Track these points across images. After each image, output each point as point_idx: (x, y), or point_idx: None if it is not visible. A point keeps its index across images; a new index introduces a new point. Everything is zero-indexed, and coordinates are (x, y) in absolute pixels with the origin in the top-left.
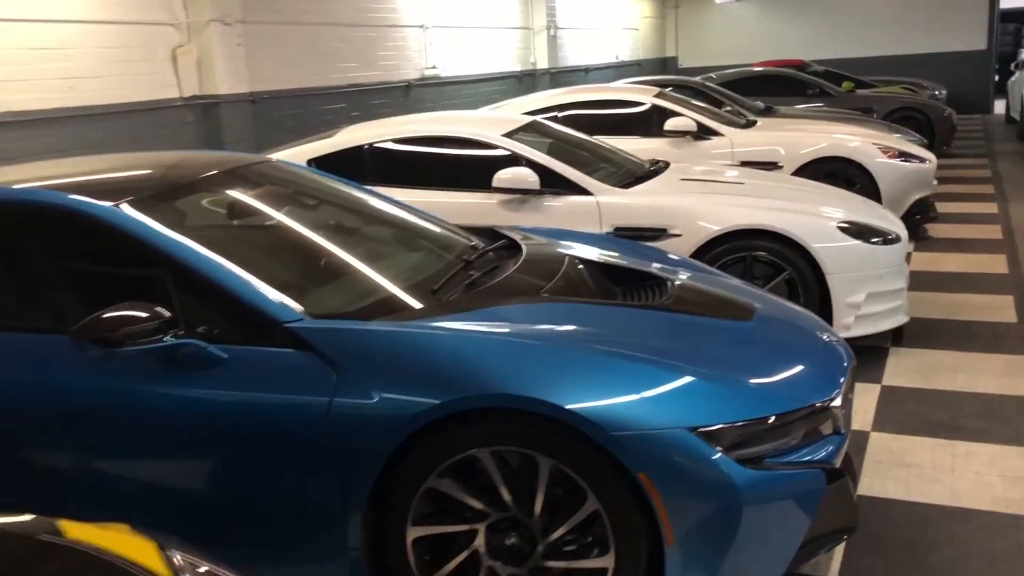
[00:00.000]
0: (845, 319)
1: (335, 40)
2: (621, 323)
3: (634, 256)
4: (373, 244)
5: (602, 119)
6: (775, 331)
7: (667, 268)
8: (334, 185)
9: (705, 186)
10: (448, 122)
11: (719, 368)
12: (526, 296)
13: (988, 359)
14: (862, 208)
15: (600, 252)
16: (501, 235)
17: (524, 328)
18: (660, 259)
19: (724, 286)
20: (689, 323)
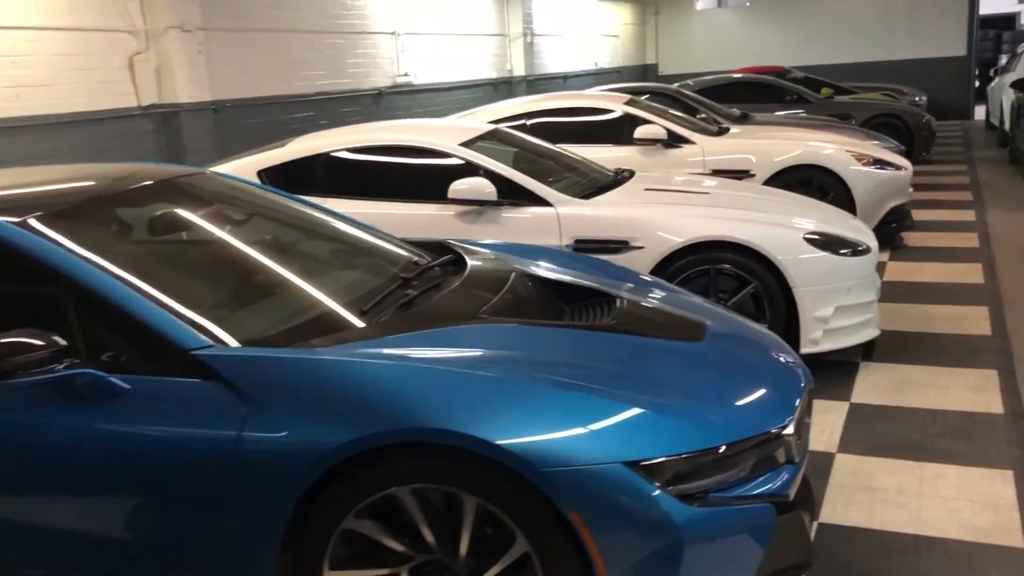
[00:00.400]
0: (813, 333)
1: (302, 47)
2: (560, 346)
3: (586, 272)
4: (306, 261)
5: (572, 127)
6: (727, 352)
7: (619, 284)
8: (272, 198)
9: (669, 196)
10: (403, 131)
11: (663, 395)
12: (462, 317)
13: (960, 374)
14: (832, 218)
15: (551, 268)
16: (449, 249)
17: (452, 354)
18: (613, 274)
19: (678, 303)
20: (634, 345)
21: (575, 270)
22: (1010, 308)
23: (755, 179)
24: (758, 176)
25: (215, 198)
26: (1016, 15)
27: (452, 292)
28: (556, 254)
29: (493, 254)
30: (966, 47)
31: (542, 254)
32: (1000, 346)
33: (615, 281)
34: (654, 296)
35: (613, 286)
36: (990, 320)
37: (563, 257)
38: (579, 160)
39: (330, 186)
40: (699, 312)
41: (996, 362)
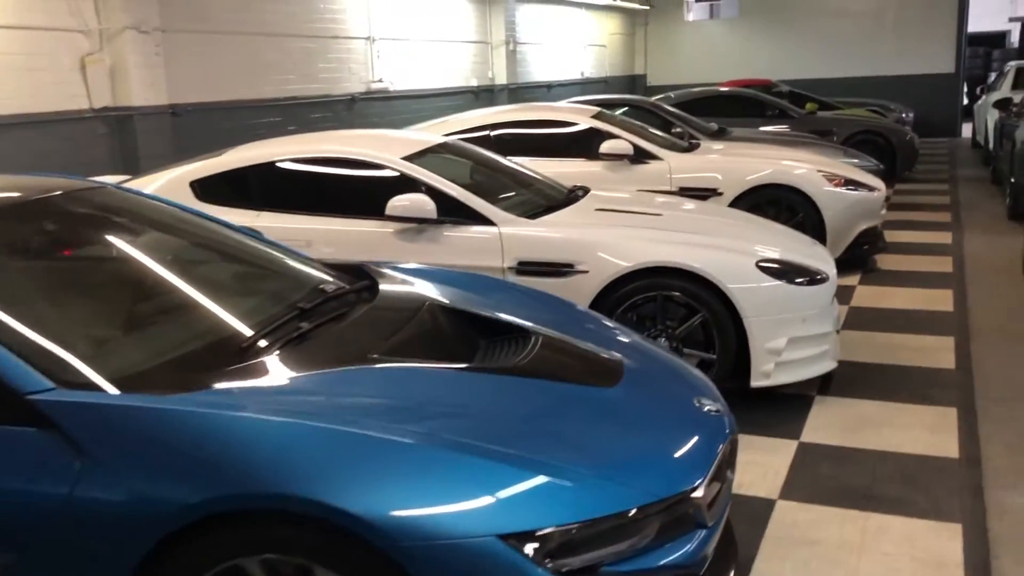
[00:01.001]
0: (764, 366)
1: (270, 51)
2: (454, 394)
3: (508, 302)
4: (199, 286)
5: (538, 140)
6: (641, 398)
7: (541, 317)
8: (177, 215)
9: (619, 218)
10: (344, 142)
11: (560, 453)
12: (352, 358)
13: (919, 412)
14: (791, 244)
15: (470, 298)
16: (365, 274)
17: (324, 404)
18: (537, 305)
19: (601, 338)
20: (539, 391)
21: (497, 300)
22: (977, 339)
23: (723, 198)
24: (726, 195)
25: (109, 215)
26: (1006, 33)
27: (351, 325)
28: (482, 282)
29: (410, 281)
30: (954, 64)
31: (467, 281)
32: (962, 381)
33: (538, 313)
34: (577, 330)
35: (533, 319)
36: (955, 352)
37: (488, 285)
38: (534, 176)
39: (265, 199)
40: (622, 349)
41: (957, 399)
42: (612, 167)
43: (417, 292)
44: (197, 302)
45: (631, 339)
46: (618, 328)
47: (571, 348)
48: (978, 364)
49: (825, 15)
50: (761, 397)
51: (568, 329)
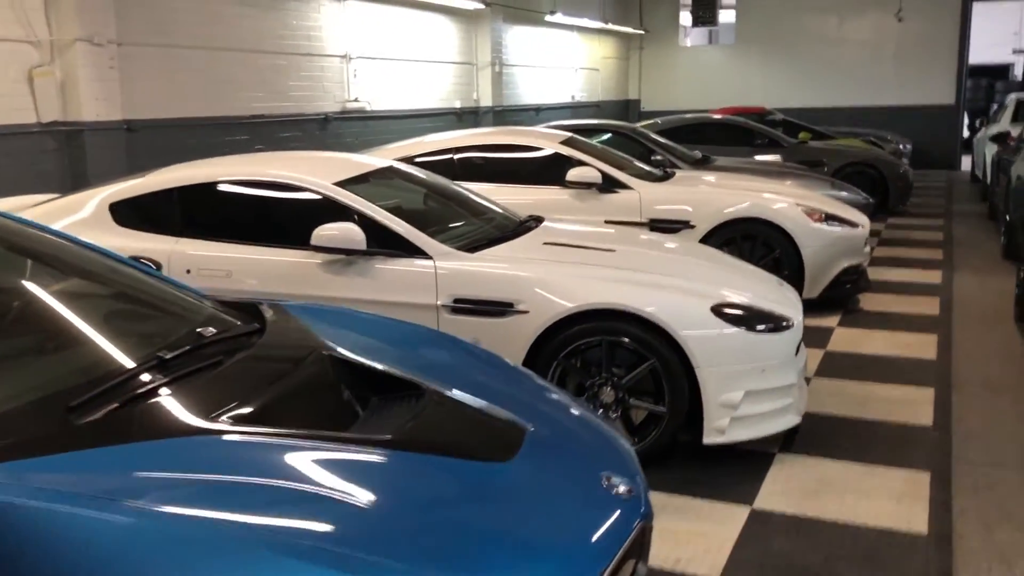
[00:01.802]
0: (718, 421)
1: (237, 67)
2: (301, 476)
3: (414, 351)
4: (44, 331)
5: (504, 165)
6: (537, 477)
7: (446, 369)
8: (46, 244)
9: (568, 253)
10: (272, 164)
11: (414, 557)
12: (189, 424)
13: (888, 476)
14: (755, 285)
15: (371, 346)
16: (259, 314)
17: (122, 487)
18: (446, 355)
19: (512, 397)
20: (414, 471)
21: (403, 349)
22: (959, 391)
23: (695, 231)
24: (699, 228)
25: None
26: (1010, 65)
27: (213, 380)
28: (393, 327)
29: (305, 324)
30: (954, 96)
31: (374, 326)
32: (939, 441)
33: (445, 365)
34: (486, 385)
35: (436, 372)
36: (934, 406)
37: (399, 331)
38: (486, 205)
39: (185, 225)
40: (534, 409)
41: (931, 462)
42: (580, 196)
43: (308, 339)
44: (49, 347)
45: (549, 397)
46: (538, 383)
47: (467, 411)
48: (958, 421)
49: (823, 43)
50: (716, 454)
51: (476, 384)
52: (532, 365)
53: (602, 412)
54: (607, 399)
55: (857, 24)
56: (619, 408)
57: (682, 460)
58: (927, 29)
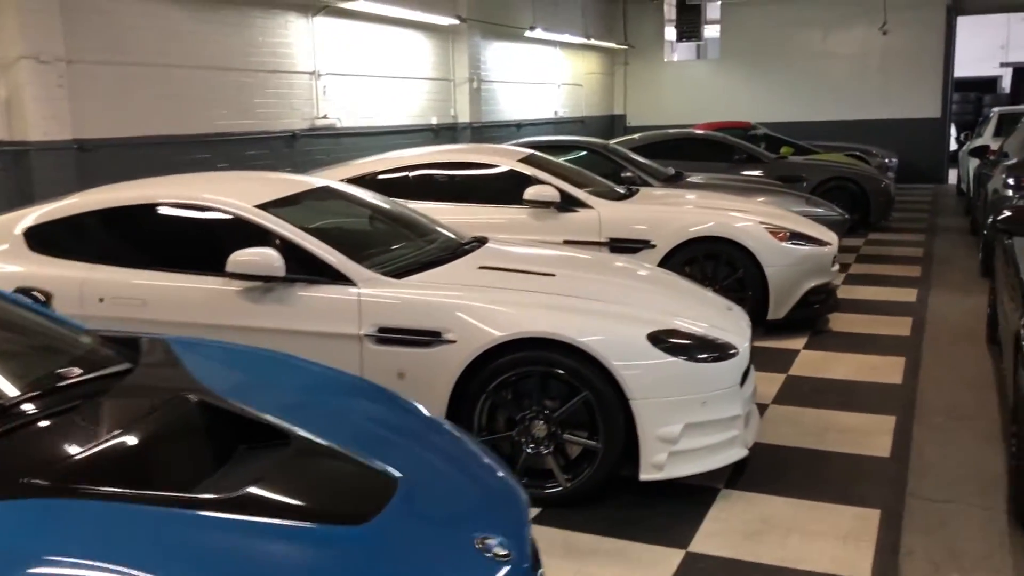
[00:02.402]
0: (655, 456)
1: (197, 84)
2: (94, 551)
3: (297, 392)
4: None
5: (462, 184)
6: (396, 539)
7: (327, 413)
8: None
9: (503, 278)
10: (193, 186)
11: None
12: (14, 483)
13: (836, 513)
14: (701, 311)
15: (250, 386)
16: (137, 350)
17: None
18: (336, 395)
19: (395, 443)
20: (243, 540)
21: (286, 390)
22: (921, 420)
23: (655, 250)
24: (659, 247)
25: None
26: (998, 78)
27: (50, 430)
28: (283, 364)
29: (182, 363)
30: (940, 109)
31: (265, 364)
32: (894, 474)
33: (327, 406)
34: (364, 431)
35: (313, 415)
36: (893, 436)
37: (288, 369)
38: (429, 225)
39: (100, 251)
40: (416, 456)
41: (883, 498)
42: (538, 215)
43: (180, 380)
44: None
45: (439, 442)
46: (433, 425)
47: (335, 463)
48: (917, 452)
49: (809, 57)
50: (657, 491)
51: (360, 429)
52: (460, 398)
53: (534, 448)
54: (539, 433)
55: (842, 38)
56: (551, 443)
57: (620, 497)
58: (912, 43)
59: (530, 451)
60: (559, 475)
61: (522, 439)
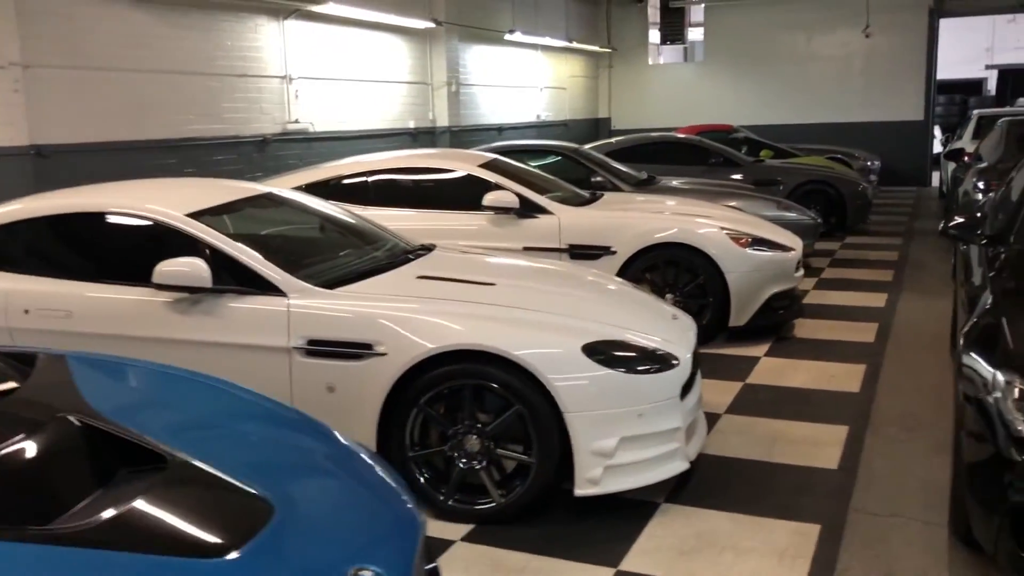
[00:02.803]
0: (590, 471)
1: (163, 89)
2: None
3: (196, 411)
4: None
5: (422, 189)
6: (261, 573)
7: (217, 434)
8: None
9: (441, 288)
10: (123, 194)
11: None
12: None
13: (776, 529)
14: (644, 321)
15: (142, 405)
16: (30, 366)
17: None
18: (233, 414)
19: (278, 466)
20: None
21: (180, 409)
22: (874, 430)
23: (616, 257)
24: (620, 253)
25: None
26: (983, 80)
27: None
28: (185, 382)
29: (74, 382)
30: (923, 112)
31: (165, 382)
32: (840, 486)
33: (219, 426)
34: (255, 451)
35: (200, 436)
36: (844, 447)
37: (189, 388)
38: (377, 232)
39: (25, 261)
40: (302, 478)
41: (825, 511)
42: (497, 221)
43: (66, 400)
44: None
45: (332, 463)
46: (332, 443)
47: (208, 489)
48: (866, 464)
49: (792, 60)
50: (595, 506)
51: (251, 449)
52: (392, 412)
53: (466, 462)
54: (473, 448)
55: (825, 41)
56: (485, 458)
57: (558, 513)
58: (895, 45)
59: (462, 466)
60: (492, 491)
61: (455, 454)
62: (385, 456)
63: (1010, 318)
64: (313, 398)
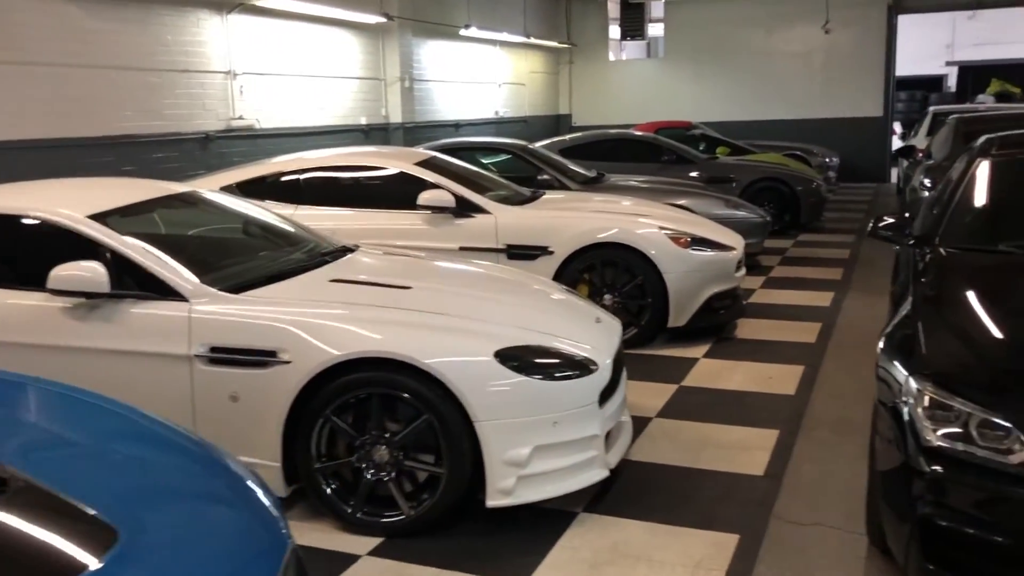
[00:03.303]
0: (503, 481)
1: (98, 85)
2: None
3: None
4: None
5: (358, 188)
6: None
7: (76, 453)
8: None
9: (354, 291)
10: (24, 195)
11: None
12: None
13: (693, 538)
14: (564, 325)
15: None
16: None
17: None
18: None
19: (135, 487)
20: None
21: (44, 427)
22: (805, 434)
23: (554, 257)
24: (557, 254)
25: None
26: (944, 77)
27: None
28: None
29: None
30: (882, 108)
31: (34, 398)
32: (763, 493)
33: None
34: (115, 471)
35: (57, 456)
36: (773, 452)
37: (55, 404)
38: (298, 233)
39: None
40: (158, 500)
41: (746, 520)
42: (434, 220)
43: None
44: None
45: (214, 489)
46: (217, 470)
47: (49, 514)
48: (794, 469)
49: (753, 57)
50: (512, 516)
51: (105, 476)
52: (298, 422)
53: (374, 474)
54: (381, 459)
55: (786, 37)
56: (394, 469)
57: (473, 525)
58: (854, 41)
59: (370, 477)
60: (402, 503)
61: (363, 465)
62: (291, 467)
63: (927, 325)
64: (216, 408)
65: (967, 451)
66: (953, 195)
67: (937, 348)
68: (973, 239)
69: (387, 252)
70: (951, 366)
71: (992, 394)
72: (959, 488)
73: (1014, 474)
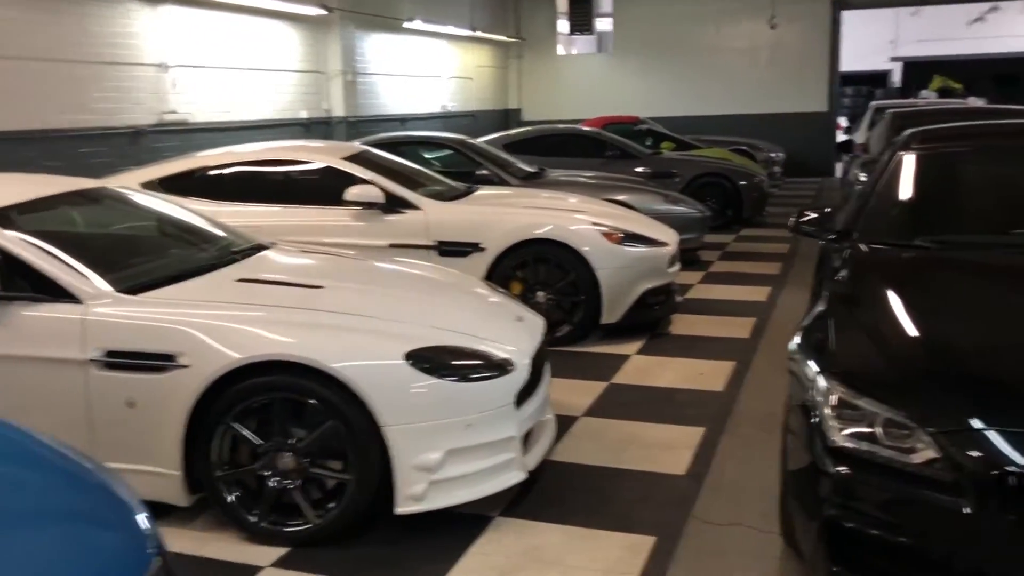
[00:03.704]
0: (413, 487)
1: (20, 77)
2: None
3: None
4: None
5: (284, 183)
6: None
7: None
8: None
9: (261, 291)
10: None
11: None
12: None
13: (608, 542)
14: (482, 324)
15: None
16: None
17: None
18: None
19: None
20: None
21: None
22: (731, 431)
23: (486, 254)
24: (489, 251)
25: None
26: (888, 72)
27: None
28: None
29: None
30: (827, 103)
31: None
32: (683, 494)
33: None
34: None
35: None
36: (696, 450)
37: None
38: (208, 230)
39: None
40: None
41: (664, 522)
42: (362, 216)
43: None
44: None
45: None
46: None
47: None
48: (717, 468)
49: (700, 52)
50: (425, 521)
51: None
52: (199, 428)
53: (278, 482)
54: (286, 466)
55: (733, 32)
56: (299, 477)
57: (384, 532)
58: (799, 36)
59: (274, 485)
60: (308, 511)
61: (267, 472)
62: (194, 476)
63: (838, 322)
64: (112, 415)
65: (871, 451)
66: (872, 189)
67: (847, 347)
68: (891, 234)
69: (304, 250)
70: (860, 365)
71: (898, 393)
72: (864, 489)
73: (916, 474)
